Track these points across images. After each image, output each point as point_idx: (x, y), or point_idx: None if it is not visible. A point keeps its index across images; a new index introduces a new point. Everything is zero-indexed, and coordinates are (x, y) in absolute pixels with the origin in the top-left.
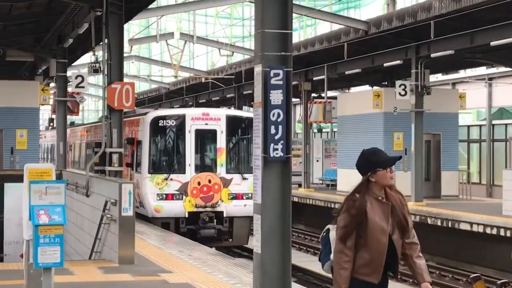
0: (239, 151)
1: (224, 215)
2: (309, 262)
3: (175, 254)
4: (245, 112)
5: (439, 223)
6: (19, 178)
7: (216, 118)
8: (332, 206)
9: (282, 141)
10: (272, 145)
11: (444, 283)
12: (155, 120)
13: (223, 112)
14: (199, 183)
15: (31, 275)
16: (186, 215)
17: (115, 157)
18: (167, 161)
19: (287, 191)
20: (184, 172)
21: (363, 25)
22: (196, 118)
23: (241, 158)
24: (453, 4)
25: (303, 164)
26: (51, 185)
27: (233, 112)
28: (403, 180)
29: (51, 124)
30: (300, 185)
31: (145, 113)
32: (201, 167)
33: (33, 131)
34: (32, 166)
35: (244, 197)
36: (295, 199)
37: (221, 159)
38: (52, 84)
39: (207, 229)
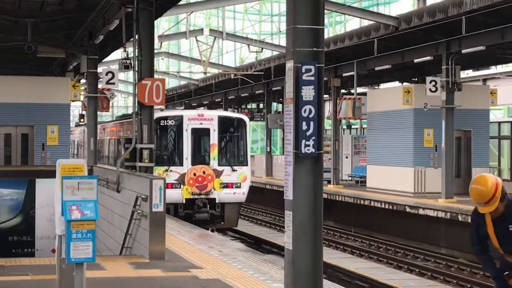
0: (229, 147)
1: (216, 201)
2: (339, 259)
3: (205, 250)
4: (235, 113)
5: (469, 220)
6: (50, 174)
7: (209, 118)
8: (362, 202)
9: (313, 137)
10: (303, 141)
11: (477, 280)
12: (158, 120)
13: (215, 113)
14: (194, 174)
15: (63, 270)
16: (184, 202)
17: (145, 153)
18: (168, 155)
19: (319, 187)
20: (182, 165)
21: (393, 21)
22: (192, 118)
23: (231, 153)
24: (484, 0)
25: (332, 160)
26: (83, 180)
27: (224, 113)
28: (433, 177)
29: (82, 120)
30: (329, 182)
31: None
32: (196, 160)
33: (64, 127)
34: (65, 162)
35: (234, 186)
36: (325, 196)
37: (214, 153)
38: (83, 81)
39: (202, 213)
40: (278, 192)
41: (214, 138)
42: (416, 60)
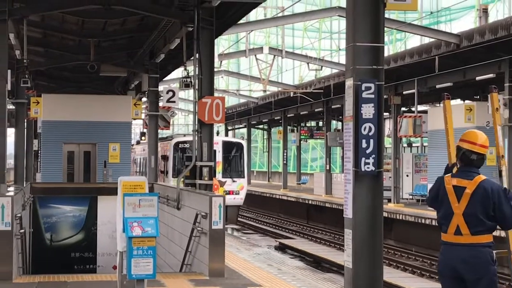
0: (230, 163)
1: None
2: (400, 278)
3: (264, 268)
4: (234, 139)
5: None
6: (111, 191)
7: (215, 142)
8: (423, 221)
9: (373, 155)
10: (363, 159)
11: None
12: (176, 144)
13: (220, 139)
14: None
15: (125, 286)
16: None
17: (205, 171)
18: (184, 169)
19: (379, 205)
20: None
21: (455, 38)
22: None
23: (232, 168)
24: None
25: (393, 179)
26: (144, 197)
27: (227, 138)
28: None
29: (143, 138)
30: (389, 200)
31: (171, 139)
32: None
33: (125, 145)
34: (126, 179)
35: (234, 193)
36: (385, 214)
37: (219, 168)
38: (144, 99)
39: None
40: (337, 210)
41: (219, 157)
42: (478, 78)
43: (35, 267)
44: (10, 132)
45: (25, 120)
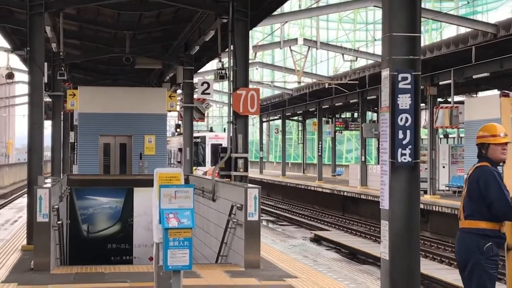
0: None
1: None
2: (436, 270)
3: (299, 259)
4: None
5: None
6: (147, 183)
7: (221, 137)
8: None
9: (410, 146)
10: (400, 150)
11: None
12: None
13: (225, 135)
14: (212, 171)
15: (161, 277)
16: None
17: (240, 162)
18: (196, 159)
19: (416, 197)
20: (204, 165)
21: (492, 28)
22: (211, 137)
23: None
24: None
25: (429, 170)
26: (180, 189)
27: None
28: None
29: (178, 130)
30: (425, 192)
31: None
32: (213, 163)
33: (161, 137)
34: (162, 171)
35: None
36: (421, 206)
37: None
38: (179, 91)
39: None
40: (373, 202)
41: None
42: None
43: (73, 258)
44: (47, 125)
45: (62, 113)
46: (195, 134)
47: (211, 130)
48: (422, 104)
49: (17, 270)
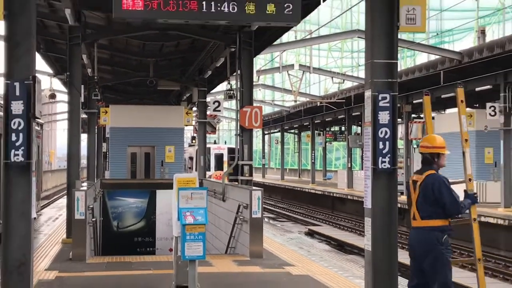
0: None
1: None
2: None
3: (296, 250)
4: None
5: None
6: (168, 186)
7: (223, 148)
8: None
9: (389, 155)
10: (380, 158)
11: None
12: (197, 150)
13: (226, 146)
14: (216, 175)
15: (179, 266)
16: None
17: (246, 168)
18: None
19: (394, 197)
20: (209, 170)
21: (457, 56)
22: (215, 148)
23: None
24: None
25: (405, 175)
26: (195, 191)
27: (230, 146)
28: (493, 189)
29: (193, 141)
30: (402, 193)
31: (194, 145)
32: (217, 168)
33: (179, 147)
34: (180, 176)
35: None
36: (398, 205)
37: (225, 165)
38: (194, 108)
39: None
40: (358, 202)
41: (225, 158)
42: (477, 89)
43: (105, 249)
44: (83, 137)
45: (96, 127)
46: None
47: (214, 142)
48: (399, 119)
49: (58, 259)
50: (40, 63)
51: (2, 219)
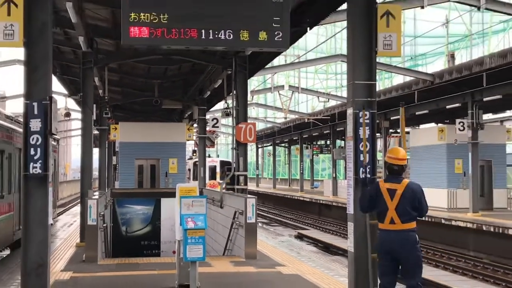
0: (224, 172)
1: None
2: None
3: (287, 252)
4: (226, 159)
5: (492, 229)
6: (171, 194)
7: (215, 161)
8: None
9: (369, 166)
10: (361, 169)
11: (500, 276)
12: (194, 163)
13: (218, 159)
14: (210, 184)
15: (182, 266)
16: None
17: (241, 178)
18: (203, 176)
19: None
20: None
21: (430, 77)
22: (209, 161)
23: (225, 174)
24: (500, 60)
25: None
26: (196, 199)
27: (223, 159)
28: (463, 196)
29: (194, 154)
30: None
31: (191, 159)
32: (210, 178)
33: (181, 160)
34: (182, 185)
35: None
36: None
37: (218, 175)
38: (195, 125)
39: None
40: (342, 208)
41: (217, 169)
42: (448, 107)
43: (114, 252)
44: (95, 151)
45: (106, 142)
46: (196, 160)
47: (209, 156)
48: (378, 134)
49: (72, 261)
50: (56, 85)
51: (22, 226)
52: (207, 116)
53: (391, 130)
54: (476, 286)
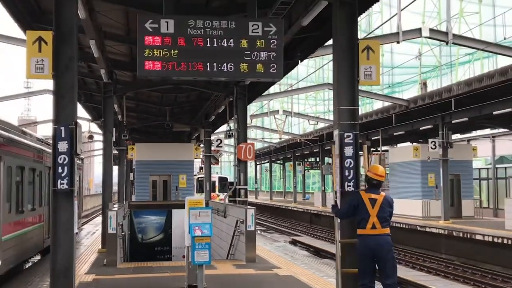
0: (223, 187)
1: None
2: None
3: (282, 256)
4: (223, 175)
5: (461, 235)
6: (181, 206)
7: (214, 177)
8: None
9: (353, 180)
10: (346, 182)
11: (469, 276)
12: (197, 178)
13: (217, 176)
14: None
15: (190, 269)
16: None
17: (242, 192)
18: (201, 189)
19: None
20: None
21: (405, 102)
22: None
23: (222, 188)
24: (466, 87)
25: None
26: (202, 210)
27: (220, 175)
28: (435, 206)
29: (201, 171)
30: None
31: (196, 175)
32: (211, 191)
33: (190, 176)
34: (191, 198)
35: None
36: None
37: (217, 188)
38: (201, 145)
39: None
40: (330, 217)
41: (216, 184)
42: (421, 128)
43: (132, 257)
44: (115, 169)
45: (125, 160)
46: (199, 175)
47: (216, 173)
48: (360, 152)
49: (95, 265)
50: (81, 111)
51: (50, 234)
52: (212, 137)
53: (372, 149)
54: (448, 285)
